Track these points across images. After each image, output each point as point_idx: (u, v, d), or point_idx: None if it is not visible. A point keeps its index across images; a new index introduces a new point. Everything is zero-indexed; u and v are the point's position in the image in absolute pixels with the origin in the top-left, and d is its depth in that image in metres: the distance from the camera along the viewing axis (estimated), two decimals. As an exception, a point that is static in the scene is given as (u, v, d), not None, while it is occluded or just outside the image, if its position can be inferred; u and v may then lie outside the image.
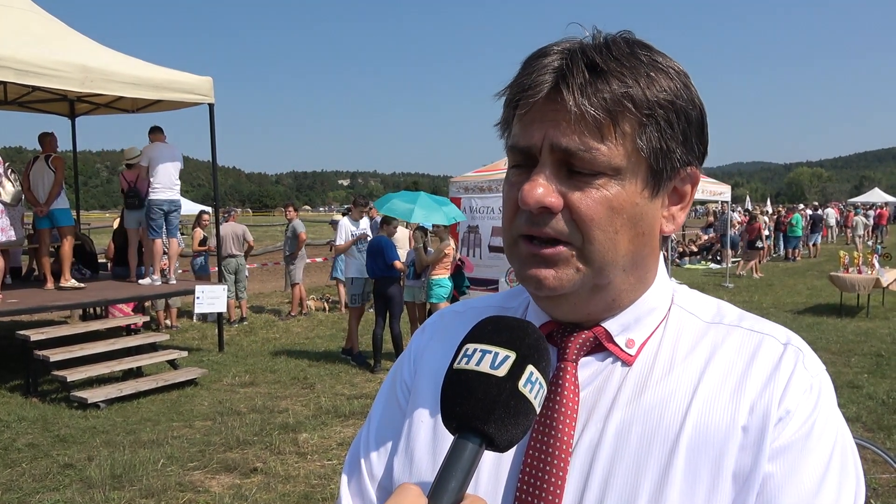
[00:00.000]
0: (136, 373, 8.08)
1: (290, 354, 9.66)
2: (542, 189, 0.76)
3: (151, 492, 4.98)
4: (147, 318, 10.16)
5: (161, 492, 4.99)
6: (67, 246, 8.97)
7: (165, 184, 9.22)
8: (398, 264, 8.63)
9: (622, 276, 0.82)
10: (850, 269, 12.08)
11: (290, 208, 13.44)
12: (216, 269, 10.98)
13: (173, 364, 8.37)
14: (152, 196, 9.27)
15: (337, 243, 9.90)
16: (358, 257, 9.18)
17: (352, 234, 9.55)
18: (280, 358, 9.45)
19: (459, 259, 9.97)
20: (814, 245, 26.02)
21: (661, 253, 0.89)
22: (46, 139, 8.95)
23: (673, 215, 0.85)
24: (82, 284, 9.03)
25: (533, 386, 0.70)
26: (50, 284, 8.90)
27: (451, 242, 9.52)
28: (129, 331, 9.15)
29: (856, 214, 30.42)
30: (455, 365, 0.72)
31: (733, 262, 19.78)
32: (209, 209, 13.78)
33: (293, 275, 12.91)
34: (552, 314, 0.86)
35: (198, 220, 13.11)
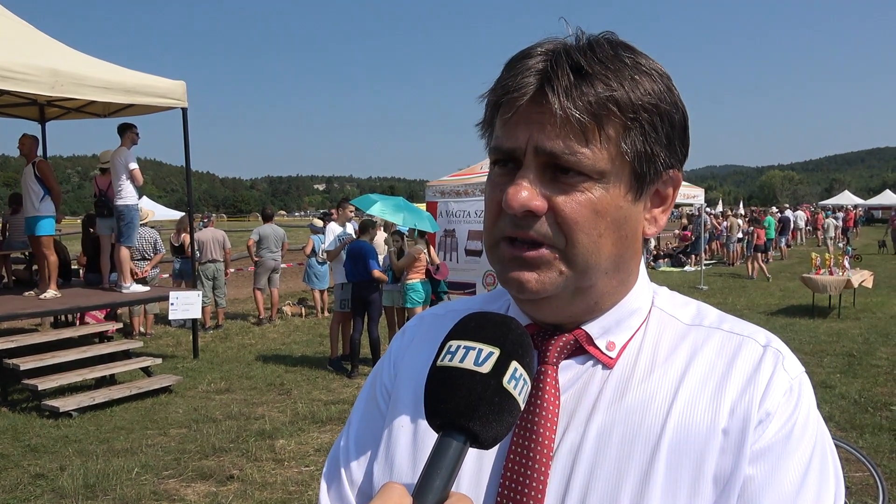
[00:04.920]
0: (109, 380, 7.95)
1: (267, 360, 9.58)
2: (527, 192, 0.75)
3: (125, 501, 4.91)
4: (120, 325, 10.01)
5: (135, 501, 4.91)
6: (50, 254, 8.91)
7: (116, 189, 9.03)
8: (377, 273, 8.59)
9: (605, 279, 0.82)
10: (822, 271, 12.28)
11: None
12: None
13: (147, 371, 8.25)
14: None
15: (327, 249, 9.85)
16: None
17: (339, 240, 9.51)
18: (256, 364, 9.37)
19: (435, 265, 9.94)
20: (785, 247, 26.37)
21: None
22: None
23: (655, 217, 0.85)
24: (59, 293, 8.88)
25: (517, 382, 0.69)
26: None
27: (424, 247, 9.53)
28: (101, 338, 9.02)
29: (825, 217, 30.95)
30: (438, 362, 0.71)
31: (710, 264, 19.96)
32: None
33: (271, 280, 12.84)
34: (534, 316, 0.86)
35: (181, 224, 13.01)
